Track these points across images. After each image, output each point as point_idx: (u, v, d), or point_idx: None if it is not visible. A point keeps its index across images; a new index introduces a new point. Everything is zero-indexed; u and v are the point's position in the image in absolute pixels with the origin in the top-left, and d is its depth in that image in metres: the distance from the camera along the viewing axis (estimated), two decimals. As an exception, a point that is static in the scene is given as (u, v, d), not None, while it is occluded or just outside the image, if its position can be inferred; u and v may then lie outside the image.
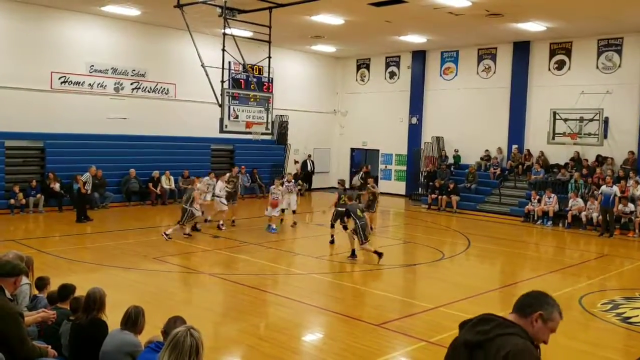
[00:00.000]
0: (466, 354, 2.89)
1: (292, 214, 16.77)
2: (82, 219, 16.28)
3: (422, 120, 25.35)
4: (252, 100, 16.11)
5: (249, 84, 21.73)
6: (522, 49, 22.14)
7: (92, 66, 19.99)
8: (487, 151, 23.01)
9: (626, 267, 13.25)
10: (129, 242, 13.76)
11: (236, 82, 22.51)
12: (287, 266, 12.31)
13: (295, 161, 26.14)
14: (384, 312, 8.90)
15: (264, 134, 16.65)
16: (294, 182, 17.84)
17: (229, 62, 17.22)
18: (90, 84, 19.97)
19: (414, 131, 25.39)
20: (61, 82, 19.29)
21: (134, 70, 21.06)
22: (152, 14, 19.32)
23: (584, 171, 19.57)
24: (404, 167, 26.14)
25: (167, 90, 21.98)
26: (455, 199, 21.21)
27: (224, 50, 15.79)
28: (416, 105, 25.39)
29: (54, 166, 18.56)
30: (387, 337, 7.79)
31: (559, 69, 21.44)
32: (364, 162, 27.94)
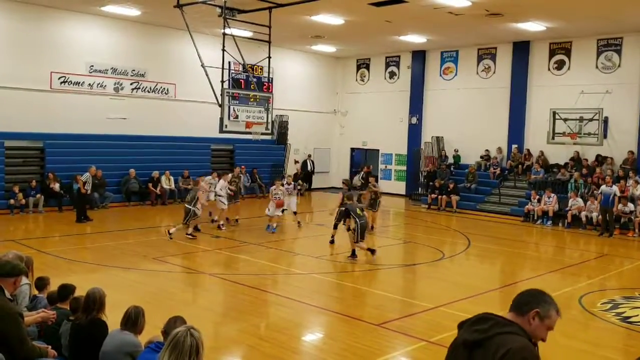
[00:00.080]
0: (465, 354, 2.90)
1: (294, 214, 16.75)
2: (82, 219, 16.28)
3: (422, 120, 25.36)
4: (252, 100, 16.10)
5: (249, 84, 21.73)
6: (521, 49, 22.14)
7: (92, 66, 19.99)
8: (487, 151, 23.01)
9: (626, 266, 13.25)
10: (129, 242, 13.76)
11: (236, 82, 22.50)
12: (287, 266, 12.31)
13: (295, 161, 26.13)
14: (384, 312, 8.90)
15: (264, 134, 16.64)
16: (294, 184, 17.82)
17: (229, 62, 17.21)
18: (90, 84, 19.97)
19: (414, 131, 25.40)
20: (61, 82, 19.29)
21: (134, 70, 21.06)
22: (152, 14, 19.31)
23: (584, 171, 19.57)
24: (403, 167, 26.14)
25: (167, 90, 21.98)
26: (455, 198, 21.22)
27: (223, 50, 15.78)
28: (416, 105, 25.39)
29: (54, 166, 18.56)
30: (388, 337, 7.79)
31: (559, 68, 21.44)
32: (364, 162, 27.94)
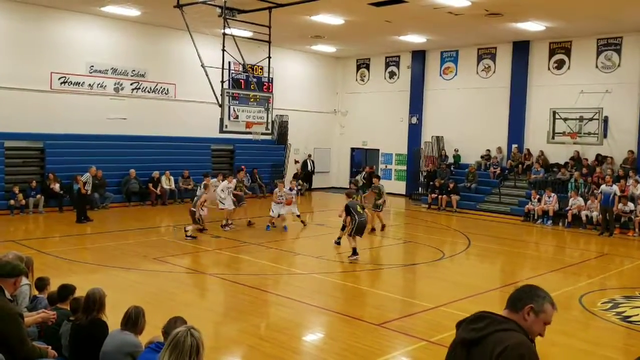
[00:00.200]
0: (464, 353, 2.92)
1: (297, 217, 16.68)
2: (82, 219, 16.27)
3: (422, 119, 25.36)
4: (252, 100, 16.10)
5: (249, 84, 21.73)
6: (521, 49, 22.14)
7: (92, 66, 19.99)
8: (488, 150, 23.01)
9: (626, 266, 13.24)
10: (129, 243, 13.76)
11: (236, 82, 22.50)
12: (287, 266, 12.30)
13: (295, 161, 26.14)
14: (385, 312, 8.89)
15: (264, 134, 16.64)
16: (296, 189, 17.70)
17: (229, 62, 17.23)
18: (90, 84, 19.97)
19: (414, 131, 25.40)
20: (61, 83, 19.29)
21: (134, 70, 21.06)
22: (152, 14, 19.32)
23: (584, 170, 19.56)
24: (404, 167, 26.14)
25: (167, 90, 21.98)
26: (455, 198, 21.21)
27: (223, 50, 15.79)
28: (416, 105, 25.39)
29: (54, 167, 18.55)
30: (388, 337, 7.79)
31: (559, 68, 21.44)
32: (364, 162, 27.96)
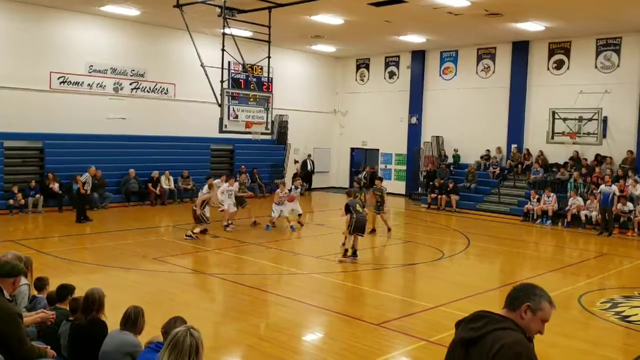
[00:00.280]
0: (462, 352, 2.94)
1: (298, 217, 16.68)
2: (81, 219, 16.26)
3: (422, 119, 25.36)
4: (251, 100, 16.10)
5: (249, 84, 21.72)
6: (521, 49, 22.14)
7: (92, 66, 19.98)
8: (487, 150, 23.01)
9: (625, 266, 13.25)
10: (129, 243, 13.76)
11: (236, 82, 22.49)
12: (287, 266, 12.28)
13: (295, 161, 26.13)
14: (384, 312, 8.90)
15: (263, 133, 16.63)
16: (300, 188, 17.70)
17: (229, 62, 17.22)
18: (89, 84, 19.95)
19: (414, 131, 25.40)
20: (60, 82, 19.28)
21: (134, 70, 21.04)
22: (152, 13, 19.30)
23: (583, 170, 19.57)
24: (403, 167, 26.14)
25: (167, 90, 21.96)
26: (454, 198, 21.22)
27: (223, 50, 15.78)
28: (416, 105, 25.39)
29: (53, 166, 18.54)
30: (388, 337, 7.79)
31: (558, 68, 21.45)
32: (364, 161, 27.95)
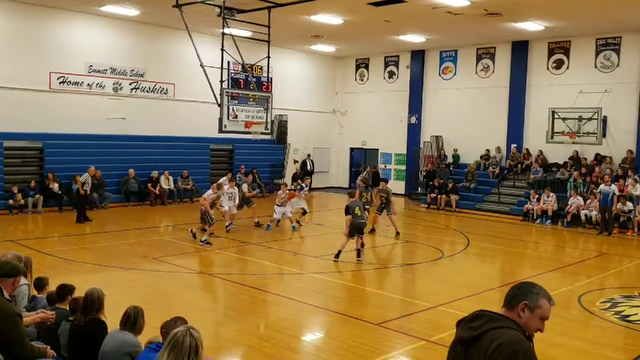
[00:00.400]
0: (462, 351, 2.95)
1: (302, 215, 16.69)
2: (81, 219, 16.26)
3: (421, 119, 25.35)
4: (251, 100, 16.08)
5: (248, 84, 21.71)
6: (520, 49, 22.14)
7: (91, 66, 19.97)
8: (487, 150, 23.01)
9: (625, 265, 13.25)
10: (129, 243, 13.76)
11: (235, 82, 22.48)
12: (287, 266, 12.28)
13: (294, 161, 26.12)
14: (384, 312, 8.90)
15: (263, 133, 16.62)
16: (308, 187, 17.69)
17: (228, 62, 17.23)
18: (89, 84, 19.95)
19: (413, 130, 25.40)
20: (60, 82, 19.27)
21: (133, 70, 21.04)
22: (151, 13, 19.30)
23: (583, 170, 19.57)
24: (403, 167, 26.14)
25: (166, 90, 21.96)
26: (454, 198, 21.22)
27: (223, 50, 15.76)
28: (415, 104, 25.39)
29: (53, 166, 18.54)
30: (387, 336, 7.79)
31: (558, 68, 21.45)
32: (363, 161, 27.94)
